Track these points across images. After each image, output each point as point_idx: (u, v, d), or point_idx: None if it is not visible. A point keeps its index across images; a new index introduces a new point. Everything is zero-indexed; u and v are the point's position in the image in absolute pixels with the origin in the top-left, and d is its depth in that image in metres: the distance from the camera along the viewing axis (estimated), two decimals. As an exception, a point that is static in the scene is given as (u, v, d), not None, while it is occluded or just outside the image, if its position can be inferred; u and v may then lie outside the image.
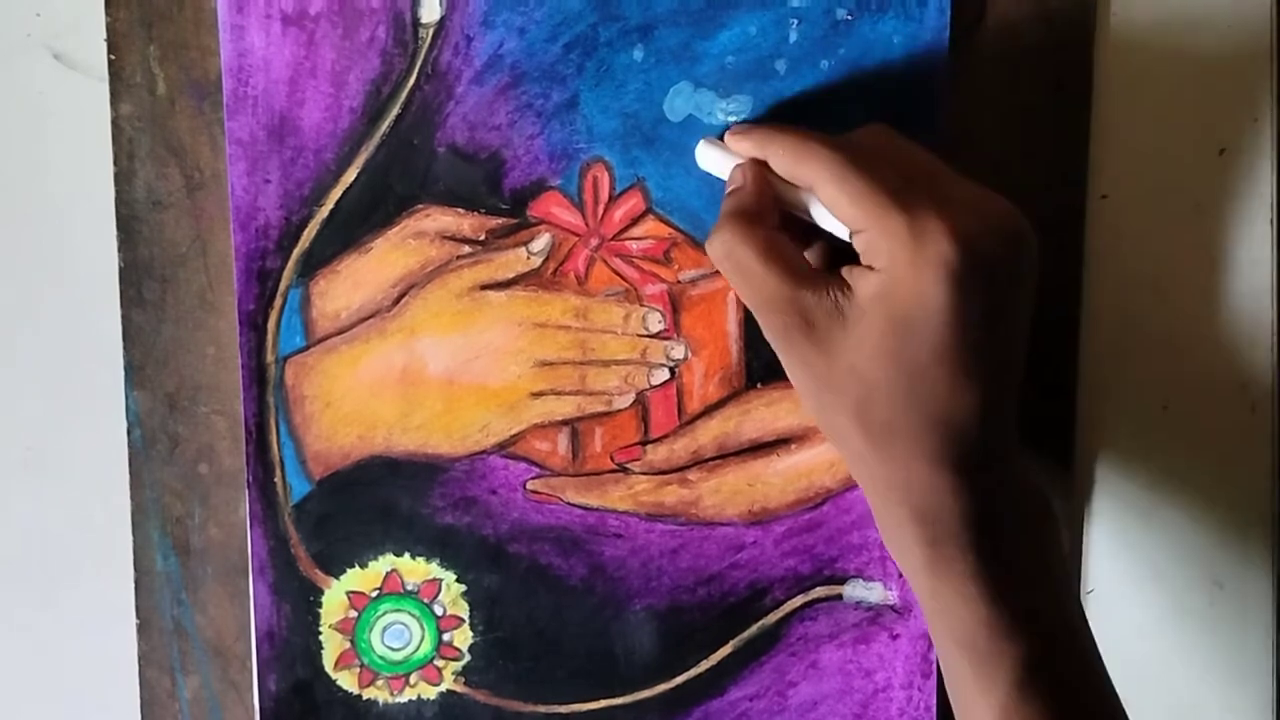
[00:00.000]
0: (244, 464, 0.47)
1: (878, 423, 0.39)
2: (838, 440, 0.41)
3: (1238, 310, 0.48)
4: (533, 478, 0.48)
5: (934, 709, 0.49)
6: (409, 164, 0.46)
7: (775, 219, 0.41)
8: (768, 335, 0.41)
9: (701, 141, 0.45)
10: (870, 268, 0.39)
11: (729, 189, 0.43)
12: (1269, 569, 0.49)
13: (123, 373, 0.47)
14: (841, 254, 0.41)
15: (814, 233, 0.42)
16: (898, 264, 0.38)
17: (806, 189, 0.41)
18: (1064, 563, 0.42)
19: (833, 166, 0.39)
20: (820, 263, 0.43)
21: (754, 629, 0.48)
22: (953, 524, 0.39)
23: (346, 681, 0.48)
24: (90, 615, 0.49)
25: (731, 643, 0.49)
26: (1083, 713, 0.40)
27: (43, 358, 0.49)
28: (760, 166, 0.42)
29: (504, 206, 0.46)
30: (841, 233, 0.40)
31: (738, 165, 0.43)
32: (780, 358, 0.41)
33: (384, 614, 0.48)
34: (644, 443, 0.48)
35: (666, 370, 0.47)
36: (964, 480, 0.39)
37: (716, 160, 0.44)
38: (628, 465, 0.48)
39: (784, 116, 0.45)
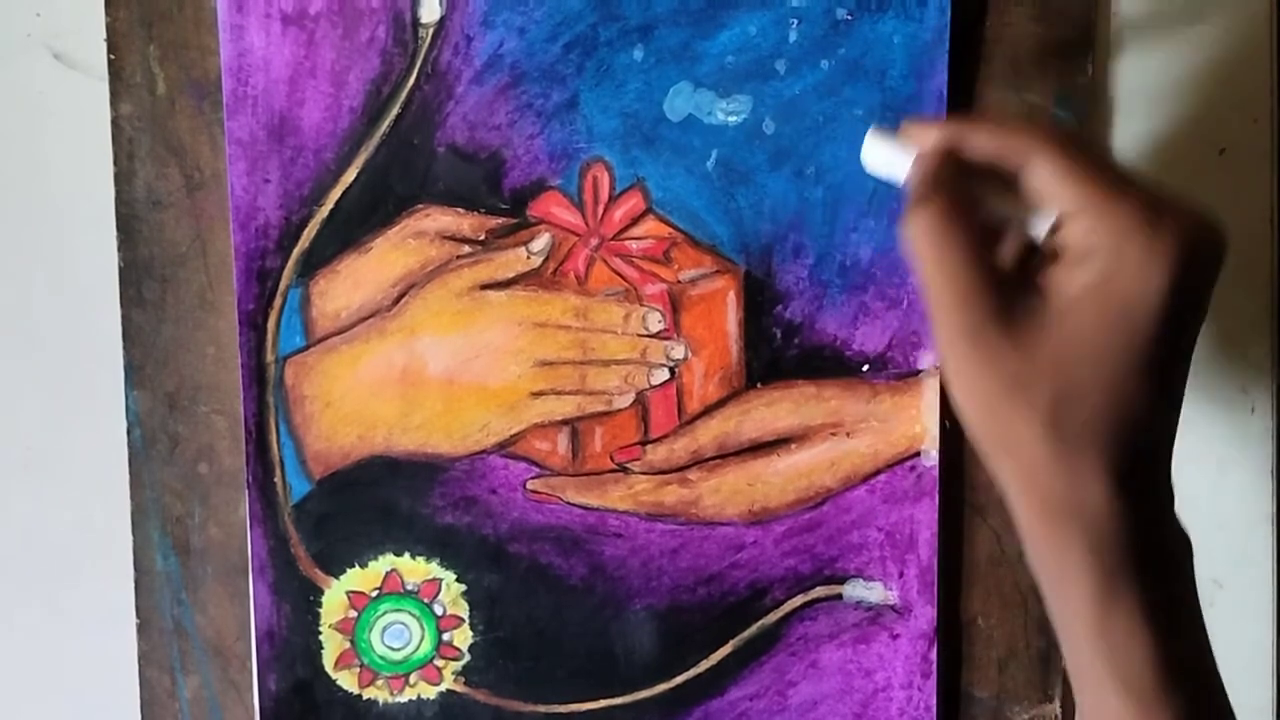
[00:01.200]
0: (244, 464, 0.47)
1: (1071, 429, 0.36)
2: (1006, 452, 0.37)
3: (1238, 310, 0.48)
4: (533, 477, 0.48)
5: (934, 709, 0.49)
6: (409, 164, 0.46)
7: (974, 211, 0.38)
8: (951, 333, 0.36)
9: (870, 135, 0.39)
10: (1083, 257, 0.36)
11: (918, 176, 0.38)
12: (1269, 569, 0.49)
13: (123, 373, 0.47)
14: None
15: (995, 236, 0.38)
16: (1129, 247, 0.35)
17: (1015, 168, 0.37)
18: (1200, 605, 0.39)
19: (1055, 140, 0.37)
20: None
21: (754, 629, 0.48)
22: (1129, 553, 0.37)
23: (346, 681, 0.48)
24: (90, 615, 0.49)
25: (731, 643, 0.49)
26: None
27: (43, 358, 0.49)
28: (954, 156, 0.38)
29: (504, 206, 0.46)
30: (1038, 231, 0.37)
31: (925, 155, 0.38)
32: (959, 359, 0.37)
33: (384, 614, 0.48)
34: (644, 442, 0.48)
35: (666, 370, 0.47)
36: (1141, 504, 0.37)
37: (888, 156, 0.39)
38: (628, 465, 0.48)
39: (785, 116, 0.46)
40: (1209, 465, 0.49)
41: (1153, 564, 0.37)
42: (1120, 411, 0.36)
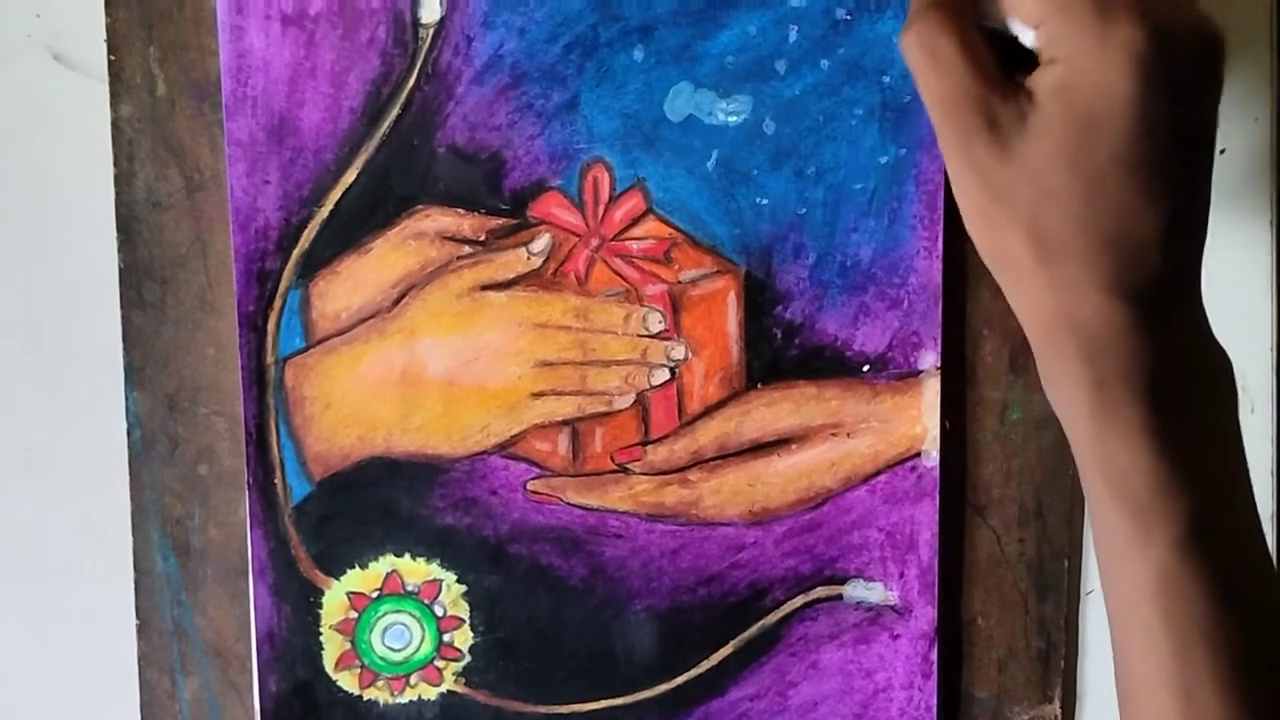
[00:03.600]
0: (244, 465, 0.47)
1: (1052, 237, 0.36)
2: (1002, 264, 0.38)
3: (1238, 310, 0.48)
4: (533, 478, 0.48)
5: (934, 709, 0.49)
6: (409, 164, 0.46)
7: (974, 18, 0.38)
8: (946, 137, 0.37)
9: None
10: (1050, 63, 0.36)
11: None
12: (1269, 569, 0.49)
13: (123, 373, 0.47)
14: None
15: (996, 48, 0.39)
16: (1081, 50, 0.35)
17: None
18: (1237, 426, 0.38)
19: None
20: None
21: (754, 629, 0.48)
22: (1124, 364, 0.36)
23: (347, 682, 0.48)
24: (90, 615, 0.49)
25: (732, 643, 0.49)
26: (1243, 577, 0.38)
27: (43, 358, 0.49)
28: None
29: (504, 207, 0.46)
30: (1027, 37, 0.38)
31: None
32: (952, 166, 0.38)
33: (384, 615, 0.48)
34: (644, 443, 0.48)
35: (667, 370, 0.47)
36: (1140, 315, 0.36)
37: None
38: (628, 465, 0.48)
39: (785, 116, 0.46)
40: (1209, 465, 0.49)
41: (1157, 378, 0.36)
42: (1102, 218, 0.36)
